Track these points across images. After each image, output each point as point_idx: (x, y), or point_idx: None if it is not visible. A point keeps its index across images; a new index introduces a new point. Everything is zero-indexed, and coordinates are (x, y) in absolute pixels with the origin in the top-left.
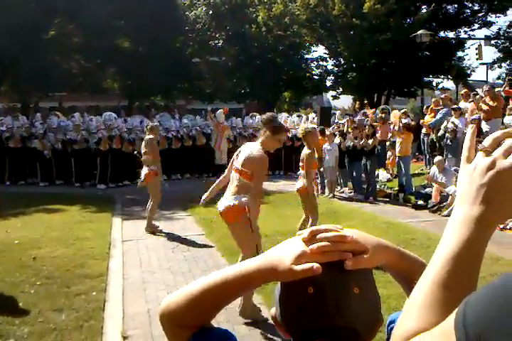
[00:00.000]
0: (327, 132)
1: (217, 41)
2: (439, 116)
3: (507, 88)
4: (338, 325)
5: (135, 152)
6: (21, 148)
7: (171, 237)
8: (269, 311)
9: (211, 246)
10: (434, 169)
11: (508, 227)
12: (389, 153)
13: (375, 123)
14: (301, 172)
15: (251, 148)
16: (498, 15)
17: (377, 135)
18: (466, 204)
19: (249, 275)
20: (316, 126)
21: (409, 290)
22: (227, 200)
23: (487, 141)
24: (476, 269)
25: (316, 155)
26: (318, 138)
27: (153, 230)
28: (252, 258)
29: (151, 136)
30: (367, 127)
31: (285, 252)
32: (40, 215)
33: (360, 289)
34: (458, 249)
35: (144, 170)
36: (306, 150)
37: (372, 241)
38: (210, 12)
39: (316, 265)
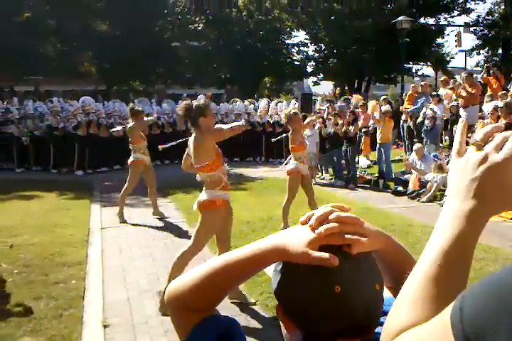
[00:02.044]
0: (308, 118)
1: (196, 25)
2: (418, 103)
3: (485, 75)
4: (363, 323)
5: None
6: None
7: (152, 224)
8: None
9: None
10: (413, 156)
11: None
12: (362, 140)
13: (357, 110)
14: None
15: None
16: (477, 2)
17: (359, 122)
18: (458, 199)
19: (258, 256)
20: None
21: (392, 282)
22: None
23: (478, 135)
24: (467, 264)
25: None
26: (301, 122)
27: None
28: (263, 239)
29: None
30: (348, 114)
31: (296, 236)
32: (17, 202)
33: (379, 286)
34: (449, 244)
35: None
36: (290, 133)
37: (370, 226)
38: None
39: (334, 257)
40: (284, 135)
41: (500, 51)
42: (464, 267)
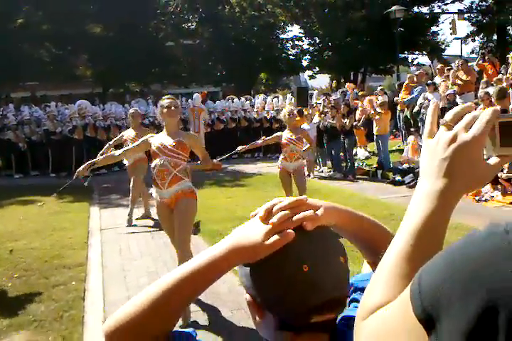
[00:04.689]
0: (305, 112)
1: (190, 24)
2: (414, 93)
3: (480, 62)
4: (333, 296)
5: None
6: None
7: (151, 224)
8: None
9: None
10: (408, 149)
11: (483, 199)
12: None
13: (356, 101)
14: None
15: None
16: None
17: (358, 113)
18: (429, 178)
19: (216, 261)
20: (293, 108)
21: (370, 256)
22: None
23: (448, 116)
24: (439, 242)
25: (293, 136)
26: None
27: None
28: (216, 245)
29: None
30: (342, 106)
31: (250, 232)
32: (16, 207)
33: (343, 258)
34: (421, 223)
35: None
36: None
37: (322, 202)
38: None
39: (288, 231)
40: (235, 152)
41: (495, 37)
42: (436, 245)
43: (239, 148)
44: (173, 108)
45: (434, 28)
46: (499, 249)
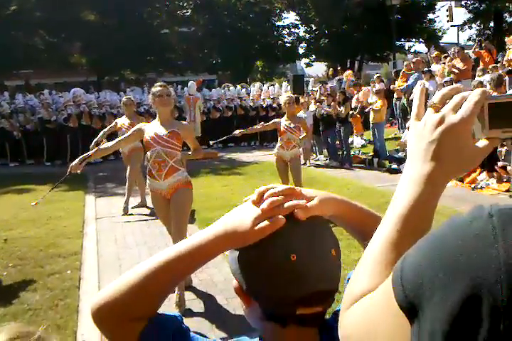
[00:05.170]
0: (302, 100)
1: (185, 10)
2: (410, 80)
3: (477, 49)
4: (320, 289)
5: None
6: None
7: (146, 212)
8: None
9: None
10: (406, 134)
11: (479, 187)
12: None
13: (351, 88)
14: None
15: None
16: None
17: (354, 100)
18: (416, 162)
19: (206, 245)
20: (291, 95)
21: (365, 244)
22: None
23: (436, 97)
24: (425, 228)
25: (292, 125)
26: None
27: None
28: (206, 229)
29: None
30: (338, 94)
31: (241, 217)
32: (10, 196)
33: (335, 251)
34: (408, 208)
35: None
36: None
37: (318, 193)
38: None
39: (278, 216)
40: (231, 135)
41: (492, 24)
42: (423, 231)
43: (236, 131)
44: (165, 97)
45: (430, 16)
46: (483, 234)
